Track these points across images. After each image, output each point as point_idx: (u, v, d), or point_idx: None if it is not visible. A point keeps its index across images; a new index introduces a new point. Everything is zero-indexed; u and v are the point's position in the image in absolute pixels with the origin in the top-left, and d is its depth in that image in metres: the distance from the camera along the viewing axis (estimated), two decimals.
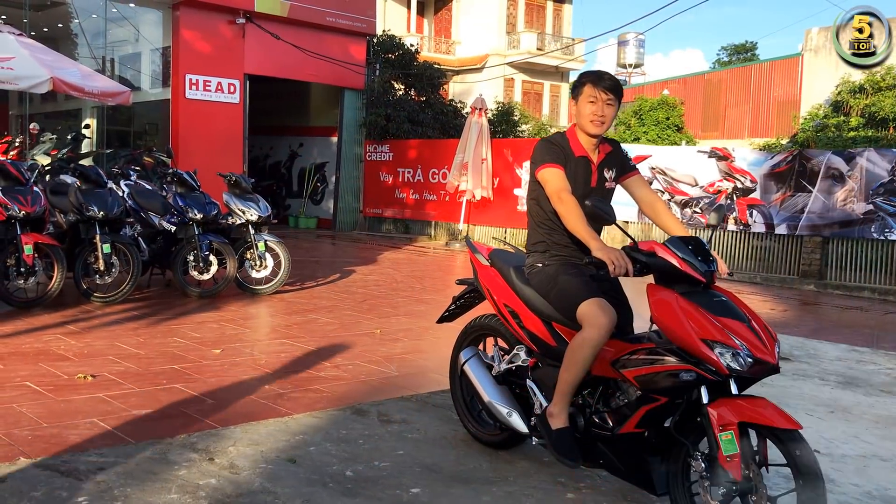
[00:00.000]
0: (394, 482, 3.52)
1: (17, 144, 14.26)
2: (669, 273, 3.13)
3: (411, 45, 19.61)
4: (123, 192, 8.76)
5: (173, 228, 8.05)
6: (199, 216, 7.93)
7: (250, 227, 8.30)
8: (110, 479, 3.28)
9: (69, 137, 14.54)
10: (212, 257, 8.00)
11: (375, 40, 18.66)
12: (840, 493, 3.79)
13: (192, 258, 7.93)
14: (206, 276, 7.99)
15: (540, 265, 3.60)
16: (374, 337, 6.53)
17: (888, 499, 3.76)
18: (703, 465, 3.01)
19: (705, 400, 2.99)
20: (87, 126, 15.29)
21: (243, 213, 8.26)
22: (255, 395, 4.68)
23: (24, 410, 4.10)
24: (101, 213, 7.28)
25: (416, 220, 17.15)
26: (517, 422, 3.66)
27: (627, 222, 13.36)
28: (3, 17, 14.83)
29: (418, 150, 17.08)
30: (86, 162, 13.92)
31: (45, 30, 17.57)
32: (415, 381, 5.20)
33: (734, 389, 3.03)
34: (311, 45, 16.36)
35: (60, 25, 17.30)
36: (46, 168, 10.22)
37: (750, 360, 2.91)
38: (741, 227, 12.95)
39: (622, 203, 3.72)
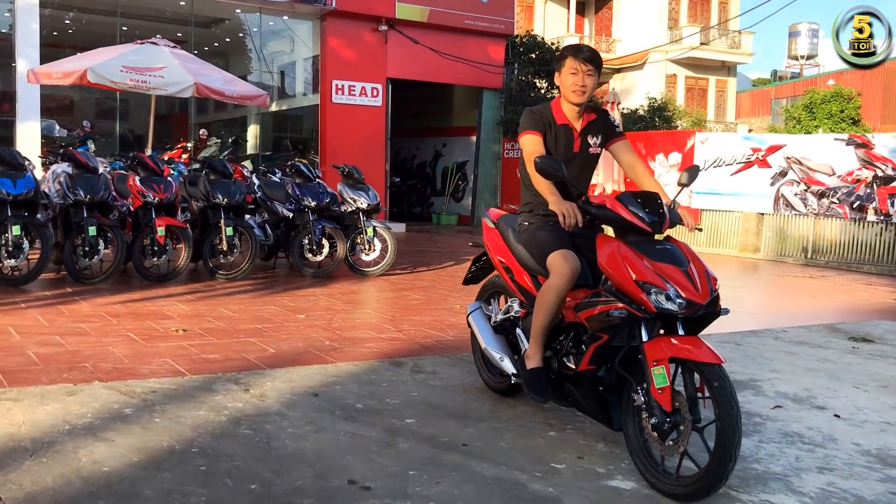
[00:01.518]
0: (394, 414, 3.99)
1: (189, 148, 16.01)
2: (620, 224, 3.42)
3: (552, 44, 19.88)
4: (254, 184, 9.81)
5: (291, 215, 8.93)
6: (313, 204, 8.75)
7: (361, 214, 9.04)
8: (156, 398, 3.98)
9: (230, 141, 16.11)
10: (324, 241, 8.79)
11: (518, 41, 19.12)
12: (834, 449, 3.87)
13: (306, 242, 8.76)
14: (318, 258, 8.79)
15: (526, 223, 3.96)
16: (451, 310, 7.00)
17: (885, 457, 3.80)
18: (642, 398, 3.27)
19: (644, 338, 3.26)
20: (235, 139, 16.69)
21: (354, 201, 9.01)
22: (312, 347, 5.30)
23: (115, 351, 4.93)
24: (225, 199, 8.25)
25: None
26: (507, 365, 4.03)
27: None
28: (179, 34, 16.62)
29: None
30: (247, 163, 15.39)
31: (216, 44, 19.47)
32: (465, 344, 5.60)
33: (681, 331, 3.28)
34: (451, 47, 17.07)
35: (228, 40, 19.09)
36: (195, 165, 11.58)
37: (680, 300, 3.15)
38: (882, 218, 12.30)
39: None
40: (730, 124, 33.93)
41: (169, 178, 8.19)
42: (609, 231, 3.63)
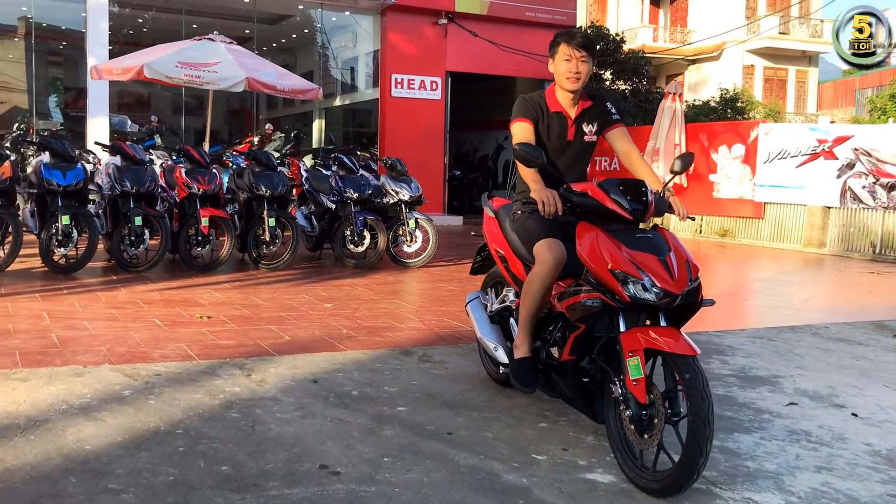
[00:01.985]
0: (387, 402, 4.01)
1: (255, 143, 16.41)
2: (601, 212, 3.34)
3: (617, 35, 19.56)
4: (303, 176, 9.98)
5: (334, 206, 9.04)
6: (354, 195, 8.84)
7: (403, 205, 9.10)
8: (158, 382, 4.09)
9: (292, 135, 16.43)
10: (366, 232, 8.87)
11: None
12: (840, 449, 3.72)
13: (348, 233, 8.85)
14: (360, 249, 8.87)
15: (519, 212, 3.91)
16: None
17: (895, 458, 3.63)
18: (619, 390, 3.20)
19: (621, 329, 3.18)
20: (296, 133, 16.95)
21: (396, 193, 9.07)
22: (328, 336, 5.36)
23: (135, 335, 5.09)
24: (268, 191, 8.41)
25: None
26: (500, 355, 4.00)
27: None
28: (246, 30, 17.02)
29: None
30: (307, 159, 15.67)
31: (283, 41, 19.85)
32: None
33: (662, 322, 3.20)
34: (511, 40, 16.97)
35: (295, 36, 19.43)
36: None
37: (655, 290, 3.07)
38: None
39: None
40: (810, 116, 32.77)
41: (213, 171, 8.39)
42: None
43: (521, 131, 3.76)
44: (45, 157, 7.74)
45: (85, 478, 2.92)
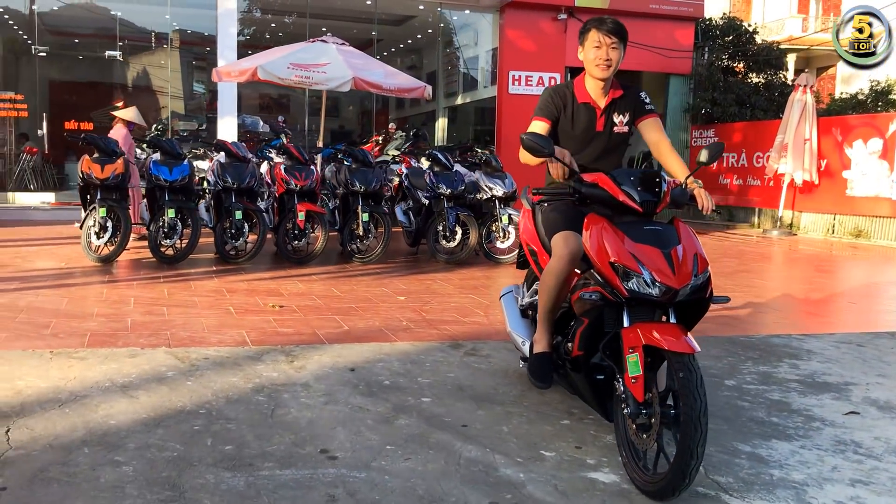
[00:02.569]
0: (416, 392, 4.03)
1: (380, 142, 16.87)
2: (611, 203, 3.23)
3: (750, 26, 18.64)
4: (403, 173, 10.17)
5: (428, 202, 9.15)
6: (447, 191, 8.92)
7: (496, 201, 9.09)
8: (203, 365, 4.30)
9: (412, 134, 16.75)
10: (458, 228, 8.93)
11: (711, 23, 18.17)
12: (891, 463, 3.43)
13: (441, 228, 8.94)
14: (451, 245, 8.94)
15: (546, 204, 3.84)
16: None
17: None
18: (621, 387, 3.09)
19: (625, 324, 3.07)
20: (416, 131, 17.24)
21: (490, 189, 9.07)
22: (387, 327, 5.44)
23: (203, 321, 5.36)
24: (362, 187, 8.62)
25: (740, 206, 16.39)
26: (526, 349, 3.93)
27: None
28: (374, 32, 17.46)
29: (743, 133, 16.33)
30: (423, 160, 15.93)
31: (409, 41, 20.23)
32: None
33: (672, 319, 3.07)
34: (634, 33, 16.47)
35: (420, 36, 19.75)
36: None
37: (656, 284, 2.94)
38: None
39: None
40: None
41: (311, 167, 8.69)
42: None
43: (534, 129, 3.69)
44: (157, 155, 8.28)
45: (97, 450, 3.12)
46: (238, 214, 8.15)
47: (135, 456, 3.07)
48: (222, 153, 8.56)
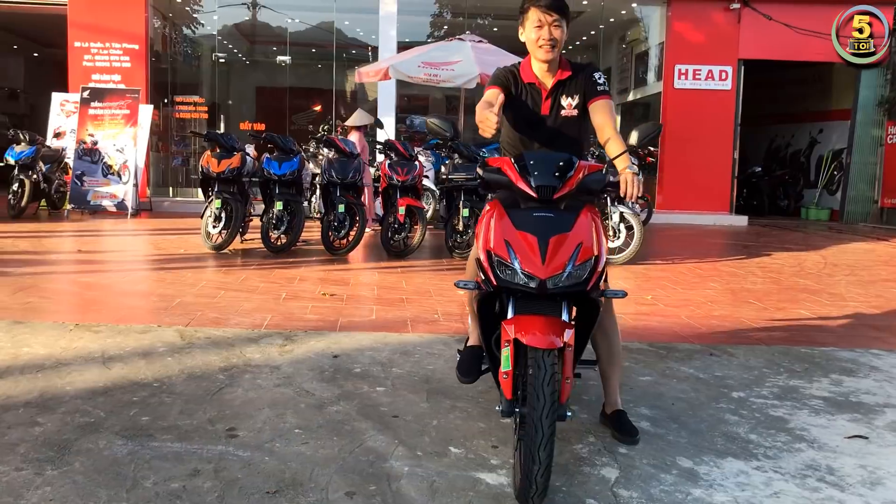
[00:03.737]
0: (376, 381, 3.98)
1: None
2: (513, 188, 3.03)
3: None
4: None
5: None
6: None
7: (608, 199, 8.73)
8: (199, 344, 4.51)
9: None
10: None
11: None
12: (855, 495, 2.96)
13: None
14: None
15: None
16: (643, 302, 6.46)
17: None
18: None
19: (508, 315, 2.88)
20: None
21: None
22: (414, 318, 5.40)
23: (244, 305, 5.61)
24: (464, 181, 8.63)
25: None
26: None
27: None
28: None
29: None
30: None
31: (584, 38, 19.87)
32: None
33: (564, 314, 2.84)
34: (815, 22, 15.20)
35: (593, 32, 19.35)
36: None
37: (521, 273, 2.73)
38: None
39: None
40: None
41: (414, 163, 8.81)
42: None
43: (485, 97, 3.49)
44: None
45: (30, 411, 3.39)
46: (341, 208, 8.43)
47: (55, 419, 3.30)
48: (332, 149, 8.89)
